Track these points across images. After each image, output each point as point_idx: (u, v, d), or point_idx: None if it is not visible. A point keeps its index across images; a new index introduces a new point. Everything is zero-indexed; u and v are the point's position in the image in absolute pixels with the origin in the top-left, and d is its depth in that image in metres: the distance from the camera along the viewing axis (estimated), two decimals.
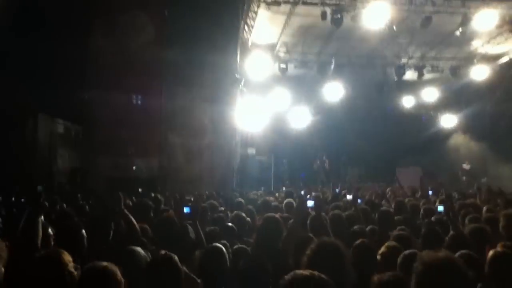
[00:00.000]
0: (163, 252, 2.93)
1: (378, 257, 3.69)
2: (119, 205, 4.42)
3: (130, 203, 7.04)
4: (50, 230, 3.85)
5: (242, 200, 7.76)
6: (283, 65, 17.23)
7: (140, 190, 11.32)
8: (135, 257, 3.35)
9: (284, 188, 13.99)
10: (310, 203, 6.10)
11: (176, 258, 2.87)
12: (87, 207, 7.29)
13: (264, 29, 15.28)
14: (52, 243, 3.73)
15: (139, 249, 3.49)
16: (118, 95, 14.69)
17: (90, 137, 15.96)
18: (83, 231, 3.80)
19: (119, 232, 4.33)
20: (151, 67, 15.26)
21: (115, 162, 15.41)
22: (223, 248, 3.59)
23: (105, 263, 2.52)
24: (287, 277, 1.98)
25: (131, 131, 15.09)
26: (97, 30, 14.98)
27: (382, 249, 3.74)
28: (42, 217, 3.60)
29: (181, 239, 4.21)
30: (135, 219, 4.42)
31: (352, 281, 2.20)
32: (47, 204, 6.36)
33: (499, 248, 3.31)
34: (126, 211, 4.43)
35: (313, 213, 4.94)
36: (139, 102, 15.50)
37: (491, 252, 3.28)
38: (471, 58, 18.20)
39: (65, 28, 13.46)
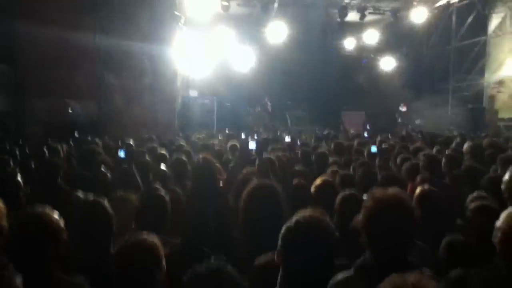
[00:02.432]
0: (92, 196, 2.85)
1: (312, 189, 3.81)
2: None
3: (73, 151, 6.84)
4: None
5: (183, 143, 7.66)
6: (225, 2, 16.62)
7: (76, 135, 10.89)
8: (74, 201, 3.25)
9: (227, 131, 13.95)
10: (251, 145, 6.17)
11: (105, 202, 2.78)
12: (17, 151, 6.93)
13: None
14: None
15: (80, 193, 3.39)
16: (48, 32, 13.48)
17: (20, 79, 14.83)
18: (19, 177, 3.63)
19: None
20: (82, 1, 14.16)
21: (50, 105, 14.51)
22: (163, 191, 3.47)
23: (41, 209, 2.34)
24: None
25: (65, 71, 14.13)
26: None
27: (316, 182, 3.85)
28: None
29: None
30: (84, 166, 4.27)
31: (287, 217, 2.27)
32: None
33: (425, 186, 3.48)
34: None
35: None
36: (72, 38, 14.29)
37: (418, 190, 3.45)
38: (411, 1, 18.42)
39: None
